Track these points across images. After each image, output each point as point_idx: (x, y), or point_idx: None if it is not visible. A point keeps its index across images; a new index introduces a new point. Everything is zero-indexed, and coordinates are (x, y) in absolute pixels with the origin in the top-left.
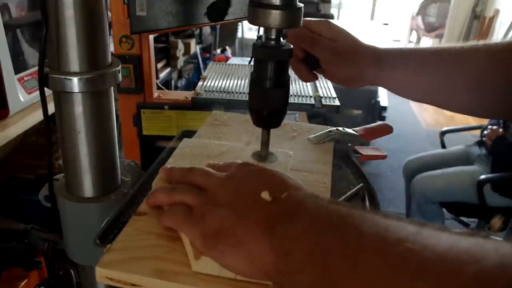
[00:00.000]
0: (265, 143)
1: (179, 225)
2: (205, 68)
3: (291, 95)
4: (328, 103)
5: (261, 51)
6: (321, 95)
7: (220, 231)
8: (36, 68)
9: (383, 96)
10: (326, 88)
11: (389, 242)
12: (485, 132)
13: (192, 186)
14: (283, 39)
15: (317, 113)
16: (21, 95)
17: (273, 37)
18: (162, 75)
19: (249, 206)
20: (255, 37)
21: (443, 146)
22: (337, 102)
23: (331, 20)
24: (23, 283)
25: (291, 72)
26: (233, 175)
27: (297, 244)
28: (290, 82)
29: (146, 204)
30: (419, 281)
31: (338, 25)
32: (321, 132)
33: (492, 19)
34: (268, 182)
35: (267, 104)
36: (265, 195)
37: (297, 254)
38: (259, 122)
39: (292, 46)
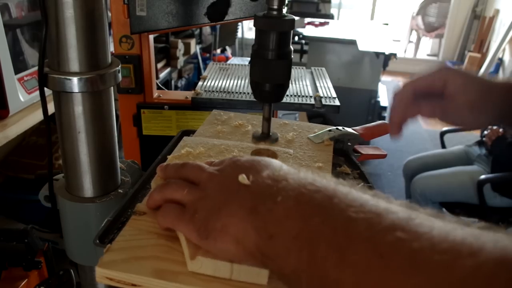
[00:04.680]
0: (267, 118)
1: (174, 223)
2: (205, 68)
3: (291, 95)
4: (328, 103)
5: (263, 21)
6: (321, 95)
7: (208, 219)
8: (36, 68)
9: (383, 96)
10: (326, 88)
11: (379, 229)
12: (485, 132)
13: (186, 181)
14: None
15: (317, 113)
16: (21, 95)
17: (275, 7)
18: (162, 75)
19: (231, 193)
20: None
21: (443, 146)
22: (337, 102)
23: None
24: (23, 283)
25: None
26: (223, 168)
27: (281, 227)
28: (290, 82)
29: (147, 207)
30: (411, 275)
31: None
32: (321, 131)
33: (492, 19)
34: (248, 167)
35: (269, 76)
36: (242, 179)
37: (281, 238)
38: (261, 96)
39: (294, 17)
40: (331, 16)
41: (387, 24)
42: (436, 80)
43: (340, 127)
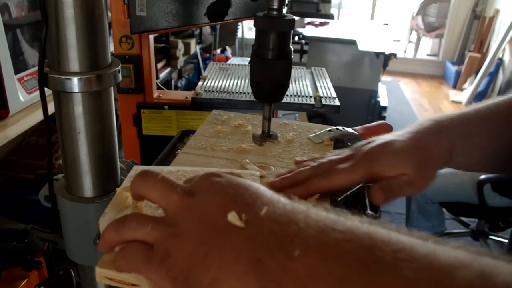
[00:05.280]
0: (267, 118)
1: (140, 268)
2: (205, 68)
3: (291, 95)
4: (328, 103)
5: (263, 21)
6: (321, 95)
7: (190, 268)
8: (36, 68)
9: (383, 96)
10: (326, 88)
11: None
12: None
13: (145, 212)
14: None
15: (317, 113)
16: (21, 95)
17: (275, 7)
18: (162, 75)
19: (219, 233)
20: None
21: None
22: (337, 102)
23: None
24: (23, 283)
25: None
26: (193, 190)
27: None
28: (290, 82)
29: (99, 250)
30: None
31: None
32: (321, 131)
33: (492, 19)
34: (235, 198)
35: (269, 76)
36: (232, 218)
37: None
38: (261, 96)
39: (294, 17)
40: (331, 16)
41: (387, 24)
42: (362, 179)
43: (340, 127)
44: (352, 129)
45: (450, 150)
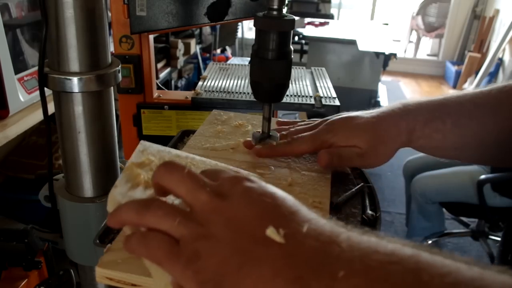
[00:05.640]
0: (267, 118)
1: (161, 261)
2: (205, 68)
3: (291, 95)
4: (328, 103)
5: (263, 21)
6: (321, 95)
7: (223, 275)
8: (36, 68)
9: (383, 96)
10: (326, 88)
11: None
12: None
13: (169, 200)
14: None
15: (317, 113)
16: (21, 95)
17: (276, 7)
18: (162, 75)
19: (256, 246)
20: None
21: None
22: (337, 102)
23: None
24: (23, 283)
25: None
26: (224, 192)
27: None
28: (290, 82)
29: (108, 223)
30: None
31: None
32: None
33: (492, 19)
34: (273, 210)
35: (269, 76)
36: (271, 233)
37: None
38: (261, 96)
39: (294, 17)
40: (331, 16)
41: (387, 24)
42: (319, 146)
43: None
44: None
45: (409, 132)
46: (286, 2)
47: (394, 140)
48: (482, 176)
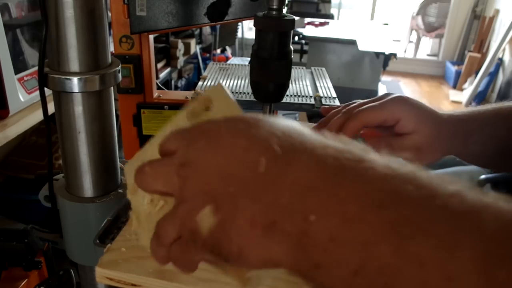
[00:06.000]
0: None
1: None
2: (205, 68)
3: (291, 95)
4: (328, 103)
5: (263, 21)
6: (321, 95)
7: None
8: (36, 68)
9: None
10: (326, 88)
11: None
12: None
13: None
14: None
15: (317, 113)
16: (21, 95)
17: (275, 7)
18: (162, 75)
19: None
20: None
21: None
22: (337, 102)
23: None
24: (23, 283)
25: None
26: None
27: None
28: (290, 82)
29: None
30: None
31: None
32: None
33: (492, 19)
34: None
35: (269, 76)
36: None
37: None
38: (261, 96)
39: (294, 17)
40: (331, 16)
41: (387, 24)
42: (389, 117)
43: None
44: None
45: (465, 133)
46: (286, 2)
47: (451, 141)
48: (482, 176)
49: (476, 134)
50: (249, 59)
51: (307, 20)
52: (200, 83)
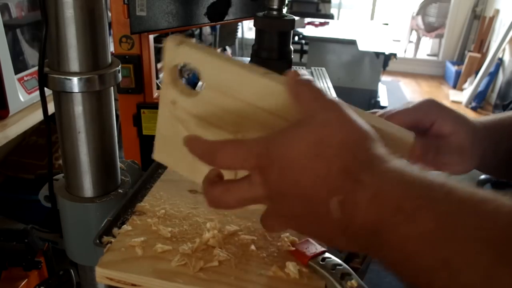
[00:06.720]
0: None
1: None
2: None
3: None
4: None
5: (263, 21)
6: None
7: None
8: (36, 68)
9: (383, 96)
10: (326, 88)
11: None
12: None
13: None
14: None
15: None
16: (21, 95)
17: (275, 7)
18: (162, 75)
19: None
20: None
21: None
22: None
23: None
24: (23, 283)
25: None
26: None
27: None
28: None
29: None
30: None
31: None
32: None
33: (492, 19)
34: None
35: None
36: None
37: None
38: None
39: (294, 17)
40: (331, 16)
41: (387, 24)
42: (424, 118)
43: None
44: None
45: (494, 140)
46: (286, 2)
47: (476, 153)
48: (482, 176)
49: (506, 142)
50: (249, 59)
51: (307, 20)
52: (200, 83)
